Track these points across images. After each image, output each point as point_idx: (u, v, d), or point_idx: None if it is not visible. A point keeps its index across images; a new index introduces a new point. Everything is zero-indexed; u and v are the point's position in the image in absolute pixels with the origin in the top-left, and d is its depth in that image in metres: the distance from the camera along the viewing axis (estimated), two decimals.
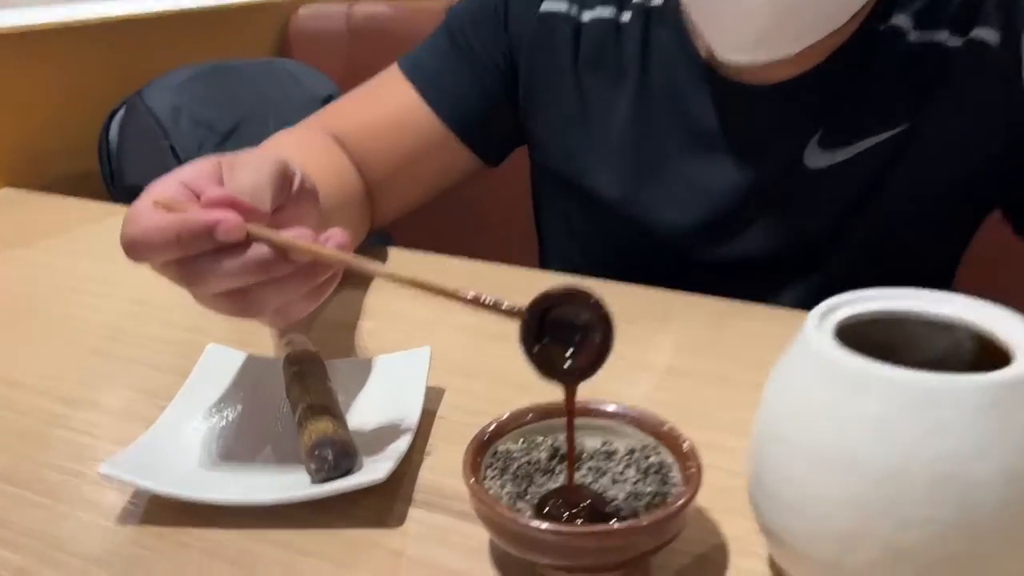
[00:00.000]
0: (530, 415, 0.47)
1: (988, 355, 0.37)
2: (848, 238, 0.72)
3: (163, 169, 0.49)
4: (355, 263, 0.45)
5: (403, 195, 0.84)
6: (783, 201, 0.72)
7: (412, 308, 0.71)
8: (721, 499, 0.47)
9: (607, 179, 0.77)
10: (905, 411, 0.34)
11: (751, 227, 0.74)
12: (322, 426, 0.47)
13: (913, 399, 0.34)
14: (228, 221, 0.43)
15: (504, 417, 0.47)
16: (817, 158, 0.71)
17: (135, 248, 0.44)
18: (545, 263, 0.92)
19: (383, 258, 0.83)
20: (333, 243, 0.45)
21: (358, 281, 0.75)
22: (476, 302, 0.43)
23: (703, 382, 0.60)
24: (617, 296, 0.45)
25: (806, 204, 0.72)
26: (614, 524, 0.40)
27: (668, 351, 0.64)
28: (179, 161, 1.07)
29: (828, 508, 0.35)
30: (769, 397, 0.39)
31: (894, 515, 0.34)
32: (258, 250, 0.44)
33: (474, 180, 0.87)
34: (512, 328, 0.42)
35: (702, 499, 0.47)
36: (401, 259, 0.83)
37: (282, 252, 0.44)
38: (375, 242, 0.87)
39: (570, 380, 0.43)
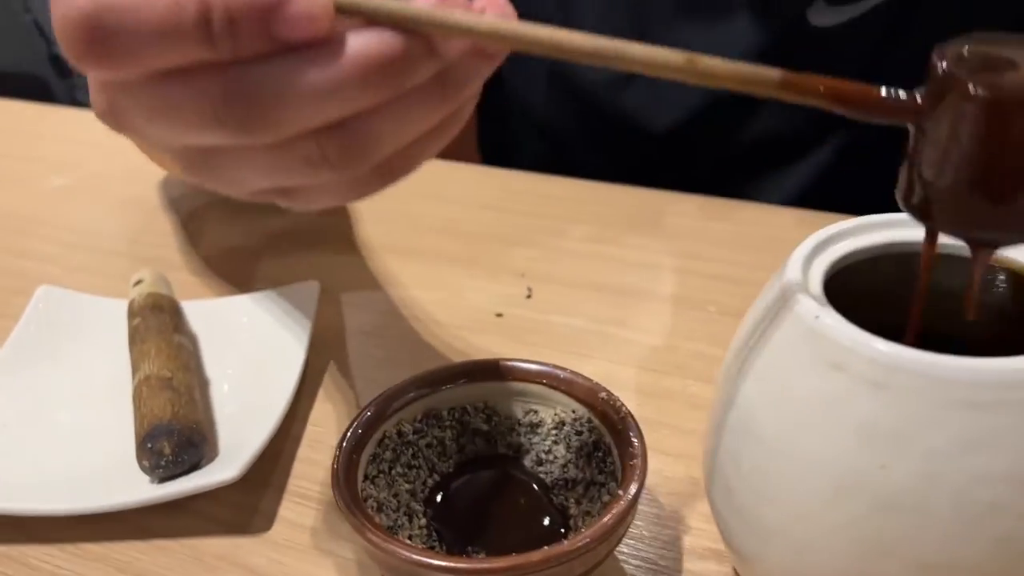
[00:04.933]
0: (431, 381, 0.37)
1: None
2: None
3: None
4: (546, 37, 0.24)
5: None
6: (788, 68, 0.62)
7: (319, 230, 0.59)
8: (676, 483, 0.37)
9: None
10: (926, 417, 0.23)
11: (752, 107, 0.64)
12: (159, 406, 0.36)
13: (937, 400, 0.23)
14: None
15: (395, 387, 0.36)
16: (824, 15, 0.60)
17: (105, 37, 0.22)
18: (496, 160, 0.80)
19: None
20: (494, 10, 0.25)
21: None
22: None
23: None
24: (602, 202, 0.33)
25: (813, 69, 0.62)
26: (520, 555, 0.30)
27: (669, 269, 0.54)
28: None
29: (817, 540, 0.25)
30: (734, 369, 0.29)
31: (905, 555, 0.24)
32: (368, 43, 0.23)
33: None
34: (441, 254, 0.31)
35: (650, 480, 0.37)
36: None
37: (407, 39, 0.23)
38: None
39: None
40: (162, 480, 0.36)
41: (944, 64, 0.23)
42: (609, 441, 0.34)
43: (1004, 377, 0.23)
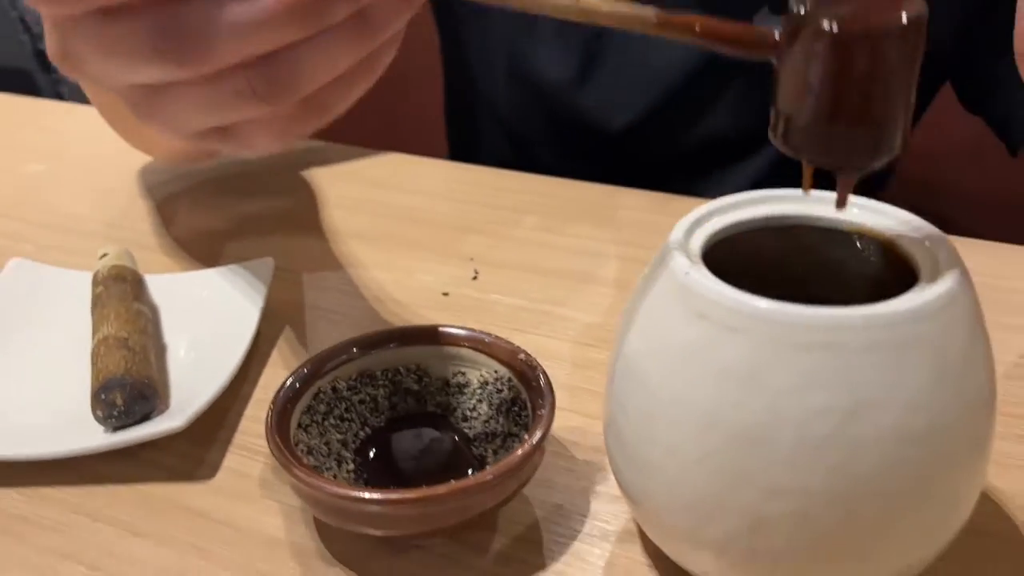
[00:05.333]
0: (366, 343, 0.40)
1: (896, 275, 0.30)
2: None
3: None
4: None
5: None
6: (734, 73, 0.65)
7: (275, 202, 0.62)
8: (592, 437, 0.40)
9: (547, 59, 0.68)
10: (772, 357, 0.26)
11: (704, 107, 0.67)
12: (114, 363, 0.39)
13: (781, 342, 0.26)
14: None
15: (332, 347, 0.39)
16: (769, 21, 0.63)
17: None
18: (462, 158, 0.83)
19: None
20: None
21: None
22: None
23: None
24: (555, 195, 0.36)
25: (761, 73, 0.65)
26: (439, 487, 0.33)
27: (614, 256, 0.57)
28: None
29: (685, 471, 0.29)
30: (626, 324, 0.32)
31: (756, 482, 0.27)
32: None
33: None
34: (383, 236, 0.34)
35: (566, 435, 0.41)
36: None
37: None
38: None
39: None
40: (115, 430, 0.39)
41: (798, 3, 0.26)
42: (525, 397, 0.37)
43: (835, 322, 0.26)
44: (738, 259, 0.31)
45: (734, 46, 0.27)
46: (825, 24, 0.25)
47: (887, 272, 0.32)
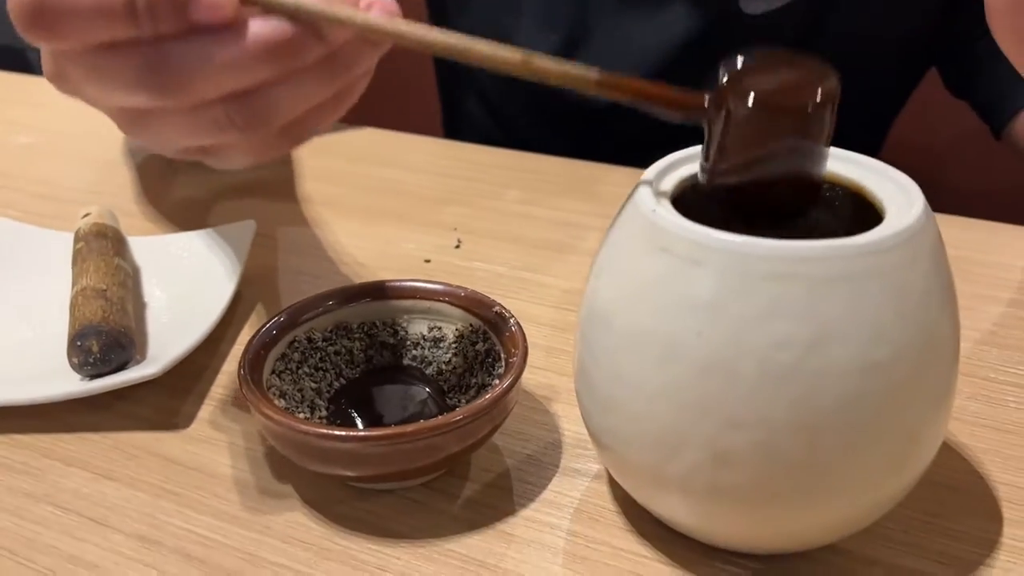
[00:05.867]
0: (342, 296, 0.40)
1: (864, 221, 0.30)
2: None
3: None
4: (414, 33, 0.29)
5: None
6: (717, 53, 0.65)
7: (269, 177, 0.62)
8: (567, 395, 0.41)
9: (531, 35, 0.69)
10: (735, 289, 0.27)
11: (688, 86, 0.68)
12: (91, 311, 0.40)
13: (744, 273, 0.27)
14: None
15: (309, 298, 0.40)
16: (754, 3, 0.64)
17: (47, 15, 0.27)
18: (453, 135, 0.84)
19: None
20: (379, 8, 0.30)
21: None
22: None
23: None
24: (537, 171, 0.37)
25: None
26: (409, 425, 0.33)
27: (594, 228, 0.57)
28: None
29: (647, 405, 0.29)
30: (596, 269, 0.32)
31: (718, 413, 0.27)
32: (265, 28, 0.28)
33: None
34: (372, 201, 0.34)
35: (541, 392, 0.41)
36: None
37: (297, 27, 0.28)
38: None
39: None
40: (91, 378, 0.39)
41: (723, 75, 0.29)
42: (499, 349, 0.38)
43: (797, 254, 0.26)
44: (706, 205, 0.32)
45: (668, 107, 0.30)
46: (742, 96, 0.28)
47: (855, 219, 0.32)
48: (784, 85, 0.29)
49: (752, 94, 0.28)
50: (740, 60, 0.29)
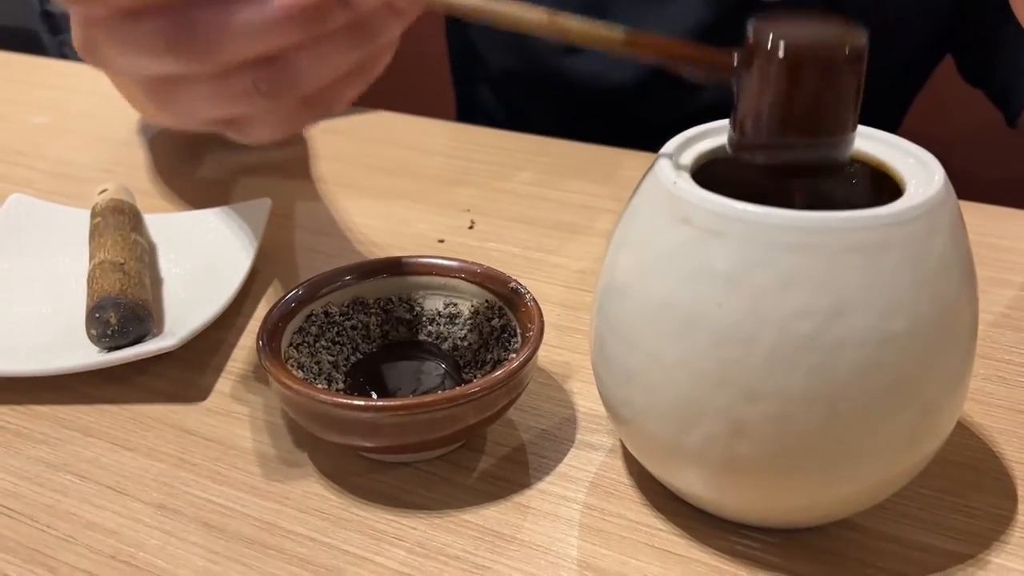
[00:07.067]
0: (360, 271, 0.40)
1: (887, 194, 0.30)
2: None
3: None
4: None
5: None
6: (734, 36, 0.65)
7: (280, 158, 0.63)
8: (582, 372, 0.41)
9: None
10: (755, 259, 0.27)
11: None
12: (109, 283, 0.40)
13: (764, 244, 0.27)
14: None
15: (327, 272, 0.40)
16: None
17: None
18: (468, 120, 0.84)
19: None
20: None
21: None
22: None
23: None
24: (550, 154, 0.37)
25: None
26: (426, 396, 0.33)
27: (607, 211, 0.57)
28: None
29: (665, 376, 0.29)
30: (614, 243, 0.32)
31: (736, 384, 0.27)
32: None
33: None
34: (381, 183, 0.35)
35: (555, 369, 0.41)
36: None
37: None
38: None
39: None
40: (109, 350, 0.39)
41: (752, 32, 0.28)
42: (515, 324, 0.38)
43: (816, 224, 0.26)
44: (726, 179, 0.32)
45: (695, 67, 0.30)
46: (775, 50, 0.28)
47: (876, 193, 0.32)
48: (814, 39, 0.29)
49: (782, 46, 0.28)
50: (768, 17, 0.29)
